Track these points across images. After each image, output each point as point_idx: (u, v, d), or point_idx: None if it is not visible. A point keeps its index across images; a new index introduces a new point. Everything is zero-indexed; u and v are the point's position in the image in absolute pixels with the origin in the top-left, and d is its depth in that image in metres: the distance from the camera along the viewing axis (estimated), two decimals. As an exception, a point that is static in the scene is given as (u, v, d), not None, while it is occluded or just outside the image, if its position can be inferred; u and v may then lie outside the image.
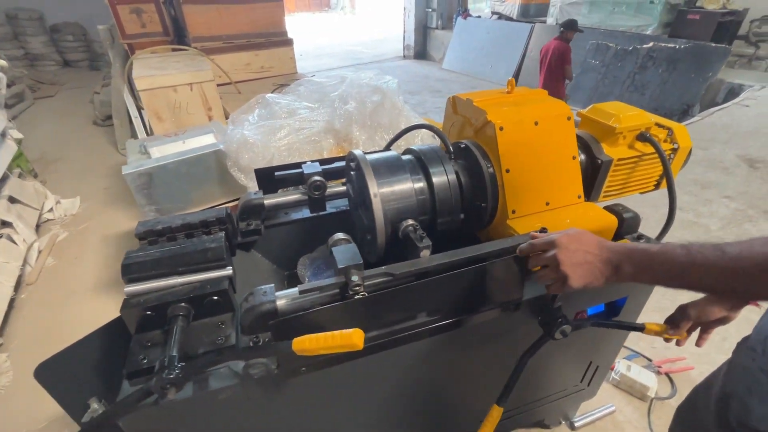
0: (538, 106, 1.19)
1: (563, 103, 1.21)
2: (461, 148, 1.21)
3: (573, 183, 1.20)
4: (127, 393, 0.86)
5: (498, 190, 1.14)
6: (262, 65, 3.63)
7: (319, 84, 2.24)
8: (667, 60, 6.04)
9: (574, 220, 1.13)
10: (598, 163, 1.26)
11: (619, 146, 1.30)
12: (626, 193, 1.39)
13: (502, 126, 1.10)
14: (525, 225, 1.10)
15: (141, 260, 0.96)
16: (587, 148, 1.29)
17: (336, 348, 0.71)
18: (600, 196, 1.32)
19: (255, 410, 0.99)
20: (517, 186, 1.13)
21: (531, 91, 1.32)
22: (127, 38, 3.66)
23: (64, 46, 8.28)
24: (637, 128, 1.29)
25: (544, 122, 1.14)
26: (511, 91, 1.28)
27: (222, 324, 0.97)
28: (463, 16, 9.33)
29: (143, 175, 1.68)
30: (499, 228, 1.17)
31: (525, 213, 1.14)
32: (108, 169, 4.17)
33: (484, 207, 1.16)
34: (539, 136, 1.14)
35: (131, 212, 3.46)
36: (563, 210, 1.18)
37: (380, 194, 1.06)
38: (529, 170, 1.14)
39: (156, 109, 2.38)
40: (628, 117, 1.28)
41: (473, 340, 1.15)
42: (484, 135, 1.17)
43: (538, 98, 1.27)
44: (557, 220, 1.12)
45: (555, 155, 1.17)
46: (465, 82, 8.52)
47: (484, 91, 1.32)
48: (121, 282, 0.95)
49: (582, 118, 1.38)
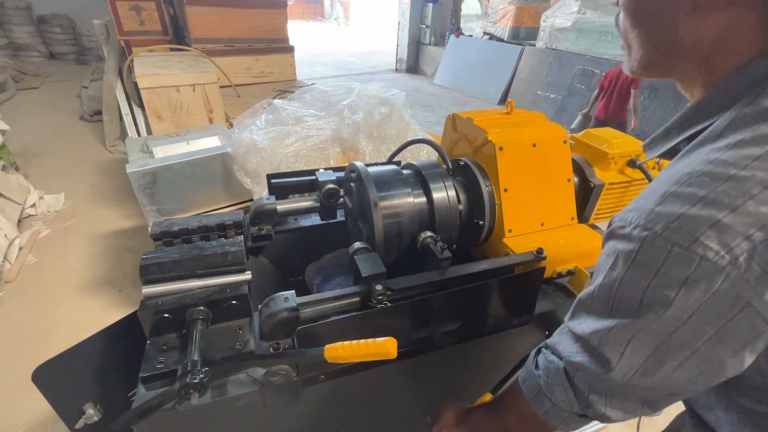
0: (536, 128, 1.22)
1: (560, 126, 1.25)
2: (460, 166, 1.23)
3: (567, 204, 1.22)
4: (143, 398, 0.84)
5: (496, 208, 1.15)
6: (262, 70, 3.63)
7: (324, 92, 2.26)
8: (649, 88, 6.32)
9: (568, 240, 1.15)
10: (590, 187, 1.30)
11: (611, 171, 1.35)
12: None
13: (502, 146, 1.12)
14: (521, 244, 1.12)
15: (160, 261, 0.94)
16: (581, 171, 1.33)
17: (370, 356, 0.71)
18: (591, 218, 1.36)
19: (270, 418, 0.98)
20: (515, 205, 1.15)
21: (529, 113, 1.36)
22: (125, 35, 3.61)
23: (51, 37, 8.07)
24: (628, 154, 1.33)
25: (541, 144, 1.17)
26: (510, 112, 1.31)
27: (239, 329, 0.96)
28: (455, 34, 9.57)
29: (147, 174, 1.65)
30: (495, 246, 1.18)
31: (521, 232, 1.16)
32: (95, 165, 4.06)
33: (481, 225, 1.16)
34: (537, 158, 1.17)
35: (120, 211, 3.37)
36: (557, 230, 1.20)
37: (381, 207, 1.07)
38: (526, 190, 1.16)
39: (156, 108, 2.35)
40: (619, 143, 1.32)
41: (484, 352, 1.17)
42: (484, 154, 1.19)
43: (536, 120, 1.30)
44: (551, 240, 1.14)
45: (551, 177, 1.19)
46: (456, 98, 8.70)
47: (483, 111, 1.35)
48: (107, 284, 0.93)
49: (576, 141, 1.42)
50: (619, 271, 0.53)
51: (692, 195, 0.48)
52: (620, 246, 0.53)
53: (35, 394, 0.94)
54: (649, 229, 0.50)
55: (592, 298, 0.58)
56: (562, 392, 0.63)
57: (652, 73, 0.62)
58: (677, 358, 0.51)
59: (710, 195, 0.47)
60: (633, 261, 0.51)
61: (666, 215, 0.49)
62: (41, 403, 1.14)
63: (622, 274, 0.53)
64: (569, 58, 7.33)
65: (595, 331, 0.56)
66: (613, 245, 0.55)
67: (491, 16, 9.12)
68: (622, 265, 0.53)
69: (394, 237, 1.09)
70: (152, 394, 0.84)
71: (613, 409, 0.59)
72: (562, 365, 0.63)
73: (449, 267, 1.02)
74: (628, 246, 0.52)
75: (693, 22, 0.53)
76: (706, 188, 0.47)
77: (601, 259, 0.58)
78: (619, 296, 0.54)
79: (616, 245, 0.54)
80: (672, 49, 0.57)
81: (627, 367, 0.54)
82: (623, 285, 0.53)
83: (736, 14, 0.50)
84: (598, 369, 0.56)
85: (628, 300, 0.53)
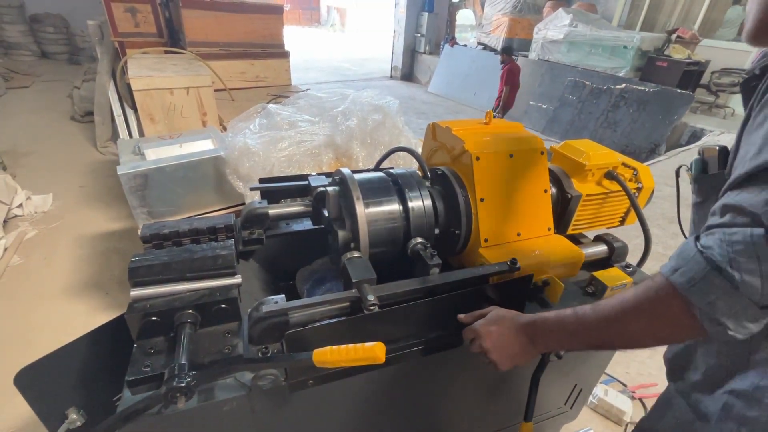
0: (513, 139, 1.22)
1: (537, 138, 1.26)
2: (438, 174, 1.23)
3: (544, 215, 1.22)
4: (129, 402, 0.83)
5: (472, 218, 1.15)
6: (257, 74, 3.63)
7: (318, 98, 2.28)
8: (638, 101, 6.46)
9: (544, 251, 1.15)
10: (568, 198, 1.30)
11: (588, 182, 1.35)
12: (594, 227, 1.44)
13: (479, 156, 1.12)
14: (496, 254, 1.11)
15: (149, 264, 0.94)
16: (558, 182, 1.33)
17: (358, 361, 0.71)
18: (569, 229, 1.36)
19: (257, 423, 0.97)
20: (491, 215, 1.14)
21: (507, 124, 1.36)
22: (119, 36, 3.59)
23: (44, 37, 7.99)
24: (605, 167, 1.34)
25: (518, 155, 1.17)
26: (488, 122, 1.31)
27: (228, 333, 0.96)
28: (450, 44, 9.69)
29: (139, 176, 1.64)
30: (471, 256, 1.18)
31: (497, 242, 1.16)
32: (85, 166, 4.01)
33: (457, 234, 1.16)
34: (513, 168, 1.17)
35: (109, 213, 3.33)
36: (534, 241, 1.19)
37: (366, 214, 1.06)
38: (502, 200, 1.16)
39: (150, 111, 2.34)
40: (597, 155, 1.33)
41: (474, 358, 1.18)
42: (461, 163, 1.19)
43: (514, 131, 1.30)
44: (528, 251, 1.14)
45: (528, 187, 1.19)
46: (449, 106, 8.79)
47: (462, 120, 1.35)
48: (93, 286, 0.92)
49: (554, 153, 1.42)
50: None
51: None
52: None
53: (16, 399, 0.93)
54: None
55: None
56: (756, 267, 0.51)
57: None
58: None
59: None
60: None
61: None
62: (22, 408, 1.11)
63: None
64: (561, 69, 7.46)
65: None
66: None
67: (485, 27, 9.27)
68: None
69: (376, 244, 1.08)
70: (138, 398, 0.83)
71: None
72: (761, 231, 0.51)
73: (439, 273, 1.03)
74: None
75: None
76: None
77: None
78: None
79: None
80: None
81: None
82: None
83: None
84: None
85: None
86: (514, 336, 0.87)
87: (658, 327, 0.64)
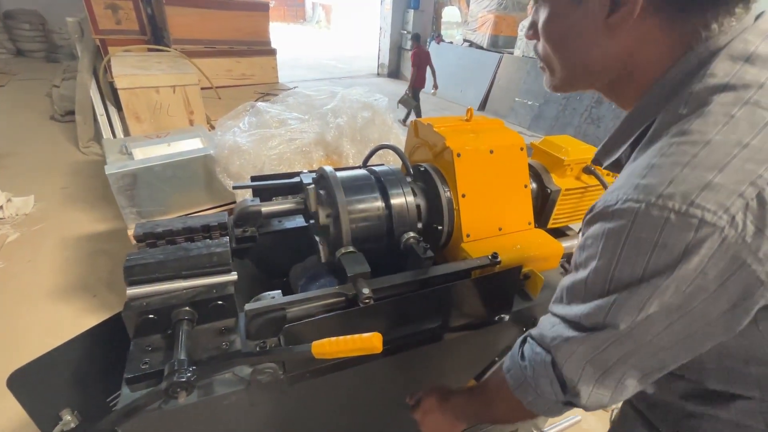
0: (493, 135, 1.24)
1: (516, 134, 1.28)
2: (421, 171, 1.25)
3: (524, 210, 1.25)
4: (128, 399, 0.84)
5: (454, 213, 1.17)
6: (244, 72, 3.60)
7: (307, 96, 2.28)
8: (612, 97, 6.60)
9: (524, 245, 1.18)
10: (547, 192, 1.33)
11: (567, 177, 1.39)
12: (573, 220, 1.47)
13: (460, 152, 1.14)
14: (478, 249, 1.14)
15: (145, 262, 0.94)
16: (538, 178, 1.36)
17: (356, 351, 0.74)
18: (549, 223, 1.39)
19: (256, 416, 0.99)
20: (472, 211, 1.16)
21: (488, 120, 1.38)
22: (100, 33, 3.53)
23: (19, 34, 7.75)
24: (584, 161, 1.38)
25: (498, 151, 1.19)
26: (469, 119, 1.33)
27: (224, 329, 0.97)
28: (436, 41, 9.73)
29: (127, 176, 1.62)
30: (454, 251, 1.20)
31: (479, 237, 1.18)
32: (67, 167, 3.92)
33: (440, 230, 1.18)
34: (494, 164, 1.19)
35: (93, 214, 3.27)
36: (514, 235, 1.22)
37: (349, 212, 1.07)
38: (483, 196, 1.18)
39: (135, 110, 2.31)
40: (575, 150, 1.37)
41: (466, 348, 1.22)
42: (443, 160, 1.21)
43: (494, 128, 1.32)
44: (509, 245, 1.16)
45: (508, 183, 1.22)
46: (437, 103, 8.83)
47: (444, 117, 1.37)
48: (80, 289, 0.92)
49: (534, 148, 1.45)
50: (613, 252, 0.51)
51: (676, 162, 0.48)
52: (610, 225, 0.52)
53: (8, 401, 0.92)
54: (640, 201, 0.48)
55: (585, 284, 0.57)
56: (548, 384, 0.64)
57: (575, 88, 0.69)
58: (669, 319, 0.51)
59: (693, 160, 0.47)
60: (627, 237, 0.50)
61: (656, 183, 0.48)
62: (15, 410, 1.10)
63: (617, 254, 0.51)
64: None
65: (597, 307, 0.55)
66: (600, 227, 0.54)
67: (471, 24, 9.33)
68: (615, 244, 0.51)
69: (359, 241, 1.09)
70: (138, 395, 0.84)
71: (601, 388, 0.59)
72: (549, 359, 0.63)
73: (431, 266, 1.06)
74: (619, 223, 0.50)
75: (605, 45, 0.59)
76: (686, 155, 0.47)
77: (588, 243, 0.57)
78: (617, 277, 0.52)
79: (605, 226, 0.53)
80: (592, 67, 0.63)
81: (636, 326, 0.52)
82: (621, 264, 0.51)
83: (644, 30, 0.56)
84: (606, 336, 0.55)
85: (627, 278, 0.51)
86: (442, 418, 0.94)
87: (510, 411, 0.76)
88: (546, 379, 0.64)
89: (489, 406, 0.82)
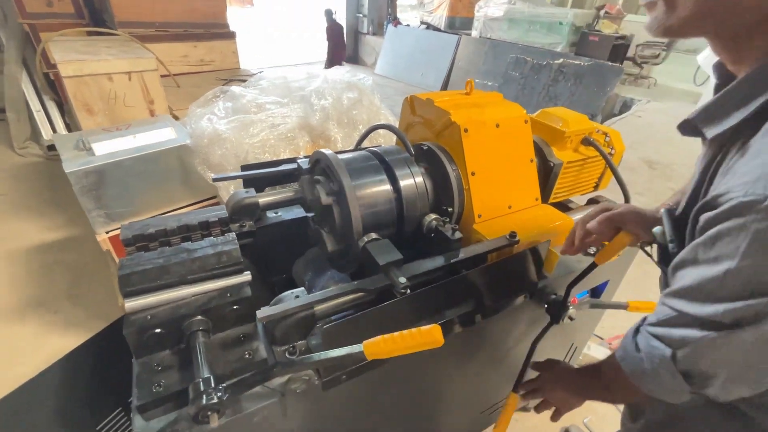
0: (497, 108, 1.18)
1: (518, 106, 1.23)
2: (423, 151, 1.17)
3: (531, 185, 1.21)
4: (142, 429, 0.72)
5: (464, 193, 1.11)
6: (202, 58, 3.32)
7: (283, 78, 2.12)
8: (575, 75, 6.83)
9: (535, 222, 1.14)
10: (550, 166, 1.29)
11: (567, 150, 1.35)
12: (573, 194, 1.47)
13: (467, 128, 1.08)
14: (491, 229, 1.09)
15: (143, 269, 0.81)
16: (540, 152, 1.32)
17: (416, 347, 0.66)
18: (550, 197, 1.36)
19: (286, 426, 0.89)
20: (483, 189, 1.11)
21: (487, 94, 1.32)
22: (29, 18, 3.11)
23: None
24: (582, 132, 1.35)
25: (504, 124, 1.14)
26: (469, 93, 1.27)
27: (243, 336, 0.86)
28: (393, 24, 9.56)
29: (92, 174, 1.41)
30: (465, 233, 1.14)
31: (490, 217, 1.13)
32: (3, 172, 3.47)
33: (450, 211, 1.12)
34: (501, 139, 1.13)
35: (41, 222, 2.93)
36: (524, 212, 1.18)
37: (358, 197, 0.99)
38: (493, 173, 1.13)
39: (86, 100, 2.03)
40: (575, 122, 1.34)
41: (493, 331, 1.17)
42: (447, 137, 1.13)
43: (496, 101, 1.27)
44: (519, 223, 1.12)
45: (516, 158, 1.17)
46: (398, 87, 8.73)
47: (442, 92, 1.31)
48: (36, 306, 0.79)
49: (532, 122, 1.39)
50: (765, 254, 0.47)
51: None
52: (761, 225, 0.47)
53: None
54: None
55: (722, 284, 0.52)
56: (669, 377, 0.61)
57: (694, 30, 0.56)
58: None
59: None
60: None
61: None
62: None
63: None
64: (503, 47, 7.66)
65: (741, 307, 0.51)
66: (741, 223, 0.49)
67: (427, 6, 9.25)
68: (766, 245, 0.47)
69: (369, 227, 1.01)
70: (154, 425, 0.72)
71: (739, 383, 0.58)
72: (669, 353, 0.60)
73: (460, 249, 0.99)
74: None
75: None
76: None
77: (722, 240, 0.51)
78: (765, 280, 0.49)
79: (749, 223, 0.48)
80: (747, 1, 0.51)
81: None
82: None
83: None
84: (749, 335, 0.52)
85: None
86: (566, 394, 0.96)
87: (630, 394, 0.74)
88: (667, 372, 0.62)
89: (607, 389, 0.82)
